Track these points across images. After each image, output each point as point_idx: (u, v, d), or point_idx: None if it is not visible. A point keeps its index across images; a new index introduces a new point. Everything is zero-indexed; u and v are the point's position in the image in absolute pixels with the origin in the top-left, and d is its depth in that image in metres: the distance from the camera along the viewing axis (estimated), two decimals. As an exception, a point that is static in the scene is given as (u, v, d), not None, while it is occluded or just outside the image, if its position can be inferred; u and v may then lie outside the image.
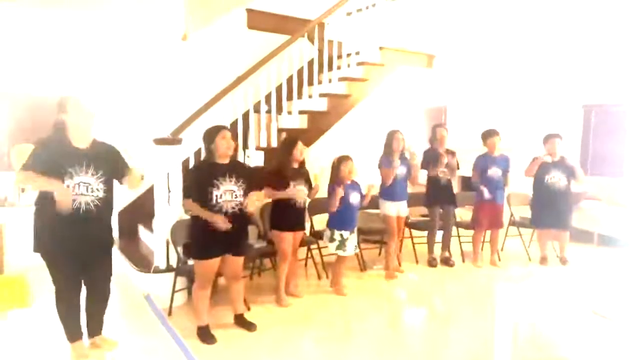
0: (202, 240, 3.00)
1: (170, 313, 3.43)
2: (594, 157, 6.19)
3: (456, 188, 5.93)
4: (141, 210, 4.48)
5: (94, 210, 2.62)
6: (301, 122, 4.85)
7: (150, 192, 4.09)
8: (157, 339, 3.08)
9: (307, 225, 4.54)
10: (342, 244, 3.86)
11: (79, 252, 2.64)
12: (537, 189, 4.85)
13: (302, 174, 3.74)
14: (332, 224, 3.90)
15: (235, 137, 4.31)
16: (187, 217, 3.77)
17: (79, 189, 2.57)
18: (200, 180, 2.94)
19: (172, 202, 3.75)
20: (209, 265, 2.99)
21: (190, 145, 4.01)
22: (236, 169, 3.04)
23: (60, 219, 2.51)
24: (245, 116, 4.47)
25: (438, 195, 4.80)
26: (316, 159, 4.69)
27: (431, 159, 4.74)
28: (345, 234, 3.86)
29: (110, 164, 2.74)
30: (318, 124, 4.90)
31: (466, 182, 7.03)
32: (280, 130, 4.73)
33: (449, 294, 4.23)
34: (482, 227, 4.90)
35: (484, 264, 4.87)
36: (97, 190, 2.64)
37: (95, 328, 2.91)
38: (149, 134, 3.77)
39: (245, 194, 3.01)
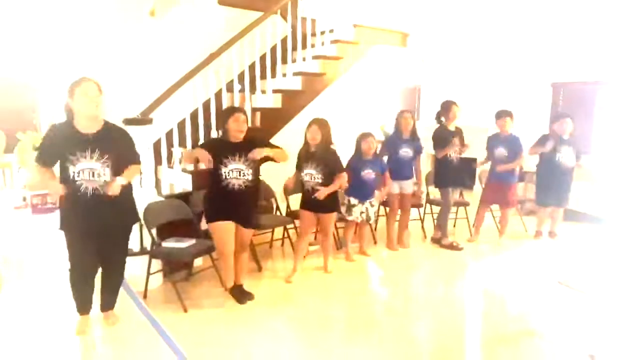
0: (213, 205, 3.24)
1: (145, 295, 3.40)
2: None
3: (430, 166, 6.02)
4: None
5: (103, 195, 2.65)
6: (275, 102, 4.78)
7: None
8: (132, 322, 3.06)
9: (283, 205, 4.56)
10: (349, 209, 4.19)
11: (93, 233, 2.73)
12: (545, 167, 4.92)
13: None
14: (347, 191, 4.18)
15: (208, 117, 4.26)
16: (160, 199, 3.72)
17: (83, 175, 2.62)
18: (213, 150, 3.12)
19: (144, 184, 3.67)
20: (222, 227, 3.17)
21: (161, 125, 3.91)
22: (248, 149, 3.13)
23: (76, 202, 2.64)
24: (218, 95, 4.38)
25: (451, 175, 4.71)
26: (291, 139, 4.65)
27: (443, 138, 4.62)
28: (353, 200, 4.19)
29: (118, 148, 2.74)
30: (293, 103, 4.85)
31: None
32: (254, 110, 4.66)
33: (431, 269, 4.33)
34: (487, 204, 4.99)
35: (478, 240, 4.98)
36: (104, 175, 2.65)
37: (107, 303, 3.05)
38: (118, 114, 3.65)
39: (256, 171, 3.22)
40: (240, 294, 3.37)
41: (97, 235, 2.75)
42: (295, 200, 4.49)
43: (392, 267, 4.33)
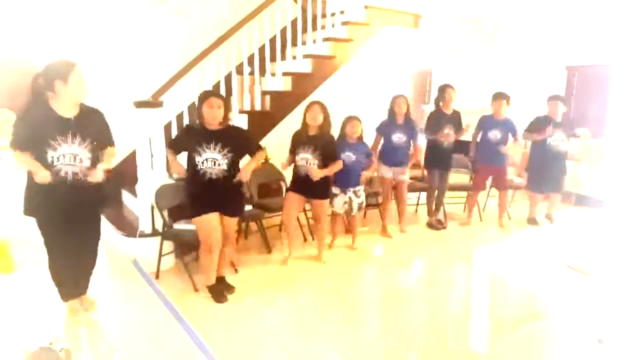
0: (195, 198, 3.08)
1: (157, 276, 3.46)
2: (576, 118, 6.25)
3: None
4: (124, 175, 4.41)
5: (82, 179, 2.61)
6: (285, 84, 4.76)
7: (132, 156, 4.03)
8: (146, 302, 3.12)
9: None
10: (331, 200, 3.95)
11: (69, 218, 2.65)
12: (538, 151, 4.86)
13: (314, 142, 3.42)
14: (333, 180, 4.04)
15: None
16: (171, 181, 3.75)
17: (64, 160, 2.53)
18: (185, 142, 3.05)
19: (155, 167, 3.70)
20: (201, 222, 3.02)
21: (171, 109, 3.92)
22: (224, 137, 2.97)
23: (52, 187, 2.51)
24: (228, 78, 4.37)
25: (438, 159, 4.78)
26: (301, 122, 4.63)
27: (435, 122, 4.71)
28: (335, 189, 3.96)
29: (97, 131, 2.68)
30: (302, 86, 4.81)
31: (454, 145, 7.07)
32: (264, 93, 4.65)
33: (433, 254, 4.33)
34: (480, 189, 4.96)
35: (471, 224, 5.00)
36: (85, 159, 2.61)
37: (81, 288, 2.96)
38: (129, 97, 3.67)
39: (233, 162, 3.00)
40: (219, 290, 3.16)
41: (72, 220, 2.66)
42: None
43: (398, 252, 4.34)
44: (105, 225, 4.10)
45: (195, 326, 2.78)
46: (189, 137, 3.05)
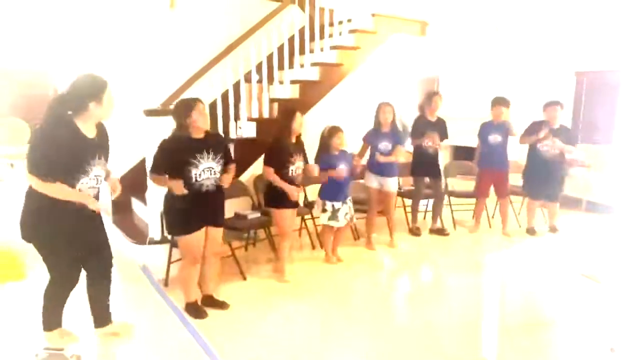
0: (181, 215, 2.90)
1: (166, 284, 3.47)
2: (585, 124, 6.23)
3: (447, 157, 5.97)
4: (134, 183, 4.45)
5: (97, 197, 2.53)
6: (293, 92, 4.79)
7: (142, 164, 4.07)
8: (154, 309, 3.13)
9: (301, 195, 4.57)
10: (334, 215, 3.86)
11: (83, 239, 2.49)
12: (531, 157, 4.82)
13: (299, 148, 3.60)
14: (323, 195, 3.91)
15: (227, 107, 4.29)
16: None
17: (90, 183, 2.40)
18: (176, 157, 2.79)
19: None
20: (192, 239, 2.89)
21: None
22: (213, 144, 2.89)
23: (64, 209, 2.30)
24: (236, 86, 4.41)
25: (424, 165, 4.78)
26: (307, 130, 4.65)
27: (420, 128, 4.73)
28: (337, 204, 3.85)
29: (108, 148, 2.57)
30: (310, 94, 4.85)
31: (458, 151, 7.07)
32: (272, 101, 4.68)
33: (442, 261, 4.30)
34: (484, 195, 4.93)
35: (479, 231, 4.96)
36: (102, 180, 2.50)
37: (105, 316, 2.72)
38: (139, 105, 3.71)
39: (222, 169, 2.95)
40: (197, 308, 3.01)
41: (87, 239, 2.52)
42: (312, 191, 4.53)
43: (405, 259, 4.32)
44: (115, 232, 4.14)
45: (203, 332, 2.79)
46: (177, 151, 2.80)
